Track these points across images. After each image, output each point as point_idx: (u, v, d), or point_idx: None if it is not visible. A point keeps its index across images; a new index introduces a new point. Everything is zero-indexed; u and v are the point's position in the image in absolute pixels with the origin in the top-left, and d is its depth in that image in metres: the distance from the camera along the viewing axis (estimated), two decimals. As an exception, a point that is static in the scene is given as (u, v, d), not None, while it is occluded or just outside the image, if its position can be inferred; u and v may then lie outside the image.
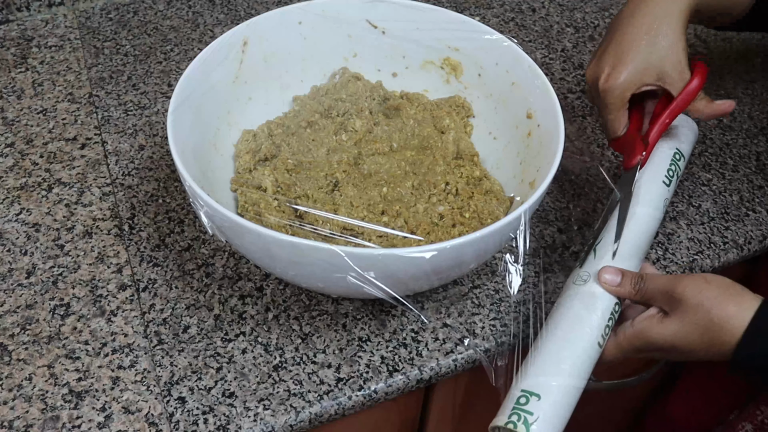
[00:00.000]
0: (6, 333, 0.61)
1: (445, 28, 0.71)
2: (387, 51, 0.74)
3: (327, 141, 0.68)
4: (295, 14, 0.71)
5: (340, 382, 0.59)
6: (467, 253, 0.53)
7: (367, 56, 0.75)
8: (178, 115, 0.60)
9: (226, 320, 0.63)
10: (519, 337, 0.62)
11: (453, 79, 0.74)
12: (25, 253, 0.67)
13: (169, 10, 0.95)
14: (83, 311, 0.63)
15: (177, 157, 0.56)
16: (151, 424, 0.56)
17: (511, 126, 0.69)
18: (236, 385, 0.59)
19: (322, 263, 0.51)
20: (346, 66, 0.75)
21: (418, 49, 0.73)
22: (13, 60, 0.87)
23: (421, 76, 0.75)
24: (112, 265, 0.66)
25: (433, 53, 0.73)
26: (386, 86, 0.75)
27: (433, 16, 0.71)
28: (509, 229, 0.54)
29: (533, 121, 0.65)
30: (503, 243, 0.56)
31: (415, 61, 0.74)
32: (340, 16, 0.72)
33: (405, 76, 0.76)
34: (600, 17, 0.99)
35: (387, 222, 0.61)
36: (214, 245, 0.68)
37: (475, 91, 0.73)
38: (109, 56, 0.88)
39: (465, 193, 0.64)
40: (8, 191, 0.72)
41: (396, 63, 0.75)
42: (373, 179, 0.65)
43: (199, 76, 0.64)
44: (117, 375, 0.59)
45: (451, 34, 0.71)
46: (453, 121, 0.71)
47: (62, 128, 0.79)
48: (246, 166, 0.67)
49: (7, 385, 0.58)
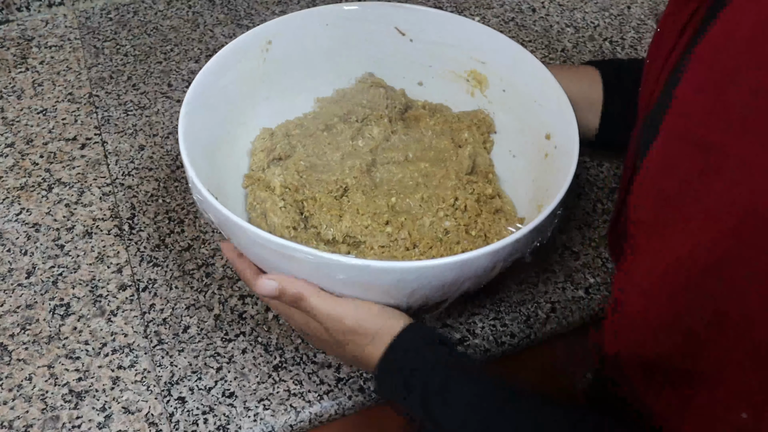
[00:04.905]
0: (6, 333, 0.61)
1: (473, 40, 0.69)
2: (413, 59, 0.73)
3: (343, 145, 0.68)
4: (323, 16, 0.71)
5: (340, 382, 0.59)
6: (447, 277, 0.51)
7: (393, 63, 0.74)
8: (192, 109, 0.60)
9: (226, 320, 0.63)
10: (519, 337, 0.62)
11: (478, 92, 0.72)
12: (25, 253, 0.67)
13: (169, 10, 0.95)
14: (83, 311, 0.63)
15: (183, 146, 0.56)
16: (151, 424, 0.56)
17: (531, 145, 0.67)
18: (236, 385, 0.59)
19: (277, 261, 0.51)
20: (372, 71, 0.74)
21: (445, 59, 0.72)
22: (13, 60, 0.87)
23: (446, 87, 0.73)
24: (112, 265, 0.66)
25: (459, 65, 0.72)
26: (411, 95, 0.74)
27: (462, 27, 0.69)
28: (498, 257, 0.51)
29: (551, 142, 0.63)
30: (499, 266, 0.54)
31: (441, 71, 0.73)
32: (368, 21, 0.71)
33: (430, 85, 0.74)
34: (600, 17, 0.99)
35: (390, 233, 0.60)
36: (214, 245, 0.68)
37: (498, 107, 0.71)
38: (109, 56, 0.88)
39: (473, 210, 0.62)
40: (8, 191, 0.72)
41: (422, 72, 0.74)
42: (383, 188, 0.64)
43: (219, 71, 0.64)
44: (117, 375, 0.59)
45: (479, 47, 0.69)
46: (472, 135, 0.69)
47: (62, 128, 0.79)
48: (260, 164, 0.67)
49: (7, 385, 0.58)
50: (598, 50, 0.93)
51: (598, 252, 0.70)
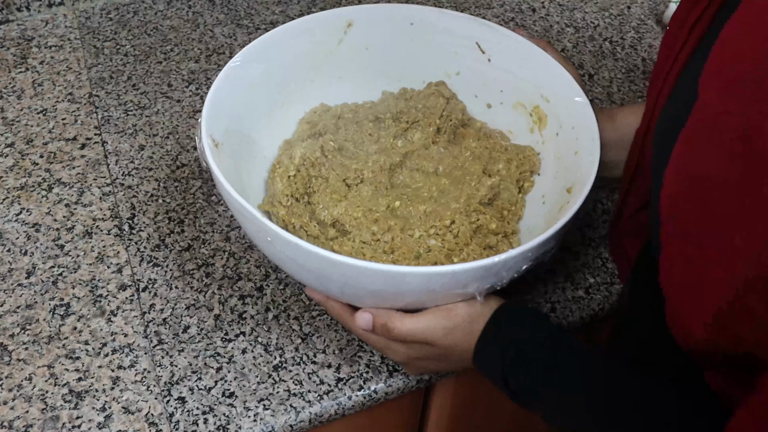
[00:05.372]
0: (6, 333, 0.61)
1: (544, 74, 0.67)
2: (487, 79, 0.71)
3: (383, 141, 0.68)
4: (409, 14, 0.71)
5: (340, 382, 0.59)
6: (410, 283, 0.50)
7: (468, 78, 0.72)
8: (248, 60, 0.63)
9: (226, 320, 0.63)
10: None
11: (537, 129, 0.69)
12: (25, 253, 0.67)
13: (169, 10, 0.95)
14: (83, 311, 0.63)
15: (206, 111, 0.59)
16: (151, 424, 0.56)
17: (559, 194, 0.63)
18: (236, 385, 0.59)
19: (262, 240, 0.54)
20: (446, 81, 0.73)
21: (516, 87, 0.70)
22: (13, 60, 0.87)
23: (512, 116, 0.71)
24: (112, 265, 0.66)
25: (528, 97, 0.69)
26: (477, 115, 0.73)
27: (537, 59, 0.67)
28: (457, 279, 0.50)
29: (571, 196, 0.59)
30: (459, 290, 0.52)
31: (510, 98, 0.71)
32: (453, 30, 0.70)
33: (497, 110, 0.72)
34: (600, 17, 0.99)
35: (375, 232, 0.59)
36: (214, 245, 0.68)
37: (549, 149, 0.68)
38: (109, 56, 0.88)
39: (464, 238, 0.60)
40: (8, 191, 0.72)
41: (493, 95, 0.72)
42: (397, 191, 0.64)
43: (293, 35, 0.67)
44: (117, 375, 0.59)
45: (547, 83, 0.67)
46: (507, 169, 0.67)
47: (62, 128, 0.79)
48: (302, 134, 0.69)
49: (7, 385, 0.58)
50: (598, 50, 0.93)
51: (598, 252, 0.70)
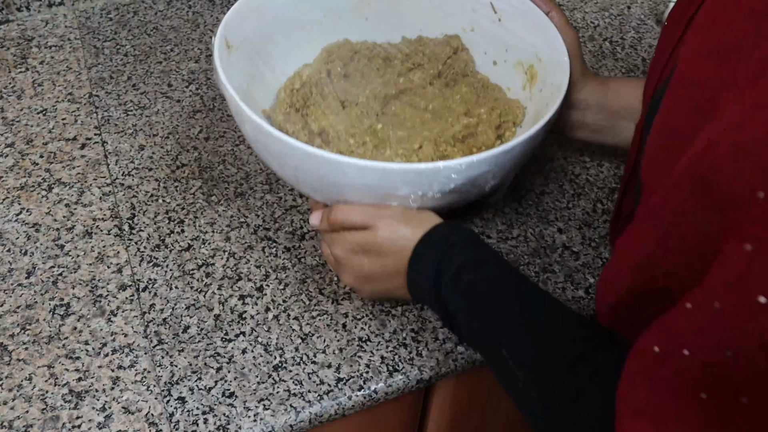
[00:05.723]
0: (6, 333, 0.61)
1: (543, 37, 0.69)
2: (496, 38, 0.75)
3: (388, 77, 0.74)
4: None
5: (340, 382, 0.59)
6: (347, 174, 0.54)
7: (480, 35, 0.76)
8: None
9: (226, 320, 0.63)
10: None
11: (528, 86, 0.72)
12: (25, 253, 0.67)
13: (169, 10, 0.95)
14: (83, 311, 0.63)
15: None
16: (151, 424, 0.56)
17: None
18: (236, 385, 0.59)
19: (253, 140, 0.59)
20: (461, 36, 0.77)
21: (518, 47, 0.73)
22: (13, 60, 0.87)
23: (513, 75, 0.74)
24: (112, 265, 0.66)
25: (525, 56, 0.72)
26: (482, 70, 0.77)
27: (540, 23, 0.69)
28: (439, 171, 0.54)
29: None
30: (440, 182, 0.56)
31: (513, 57, 0.74)
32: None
33: (501, 67, 0.75)
34: (600, 17, 0.99)
35: (351, 144, 0.66)
36: (214, 245, 0.68)
37: (532, 105, 0.71)
38: (109, 56, 0.88)
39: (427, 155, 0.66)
40: (8, 191, 0.72)
41: (499, 53, 0.75)
42: (384, 118, 0.70)
43: None
44: (117, 375, 0.59)
45: (544, 45, 0.69)
46: (488, 114, 0.70)
47: (62, 128, 0.79)
48: (319, 60, 0.75)
49: (7, 385, 0.58)
50: (598, 50, 0.93)
51: (598, 252, 0.70)
